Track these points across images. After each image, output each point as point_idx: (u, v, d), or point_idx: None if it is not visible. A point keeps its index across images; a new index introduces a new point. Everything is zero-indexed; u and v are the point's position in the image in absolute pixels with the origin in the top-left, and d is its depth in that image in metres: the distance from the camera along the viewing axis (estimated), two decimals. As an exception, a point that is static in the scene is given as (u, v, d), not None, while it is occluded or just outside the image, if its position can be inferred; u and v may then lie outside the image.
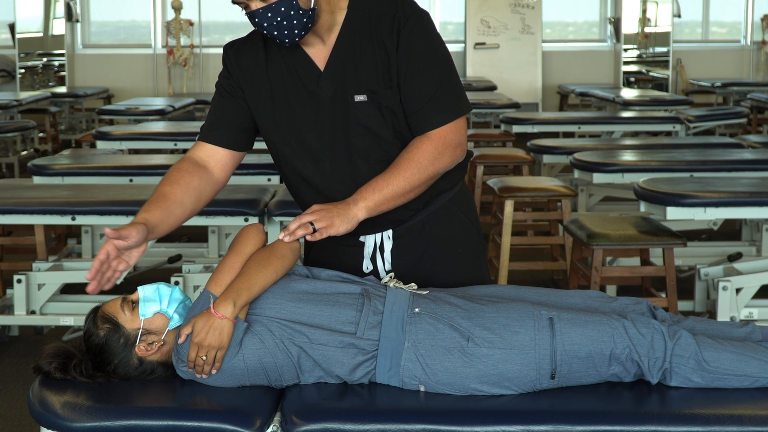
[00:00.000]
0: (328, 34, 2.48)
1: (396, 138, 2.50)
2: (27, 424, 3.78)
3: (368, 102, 2.46)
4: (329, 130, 2.50)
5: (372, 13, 2.46)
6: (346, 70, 2.47)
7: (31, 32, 12.58)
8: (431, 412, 2.22)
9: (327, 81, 2.48)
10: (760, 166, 5.37)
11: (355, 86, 2.46)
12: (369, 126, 2.48)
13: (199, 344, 2.28)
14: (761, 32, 13.14)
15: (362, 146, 2.49)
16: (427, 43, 2.47)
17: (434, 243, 2.59)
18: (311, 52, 2.49)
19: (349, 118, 2.48)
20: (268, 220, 4.44)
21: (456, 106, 2.49)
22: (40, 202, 4.43)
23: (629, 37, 12.94)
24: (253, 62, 2.53)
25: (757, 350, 2.35)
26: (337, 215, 2.40)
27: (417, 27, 2.46)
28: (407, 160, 2.45)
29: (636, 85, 12.96)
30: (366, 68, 2.46)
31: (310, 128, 2.51)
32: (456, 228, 2.62)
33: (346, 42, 2.47)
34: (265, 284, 2.36)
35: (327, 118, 2.49)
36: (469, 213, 2.66)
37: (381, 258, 2.57)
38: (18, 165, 9.37)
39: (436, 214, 2.59)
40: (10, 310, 4.70)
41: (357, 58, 2.46)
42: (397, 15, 2.45)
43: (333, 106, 2.48)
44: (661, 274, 4.43)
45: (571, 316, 2.35)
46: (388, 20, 2.45)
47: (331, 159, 2.51)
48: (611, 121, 8.15)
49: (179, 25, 12.16)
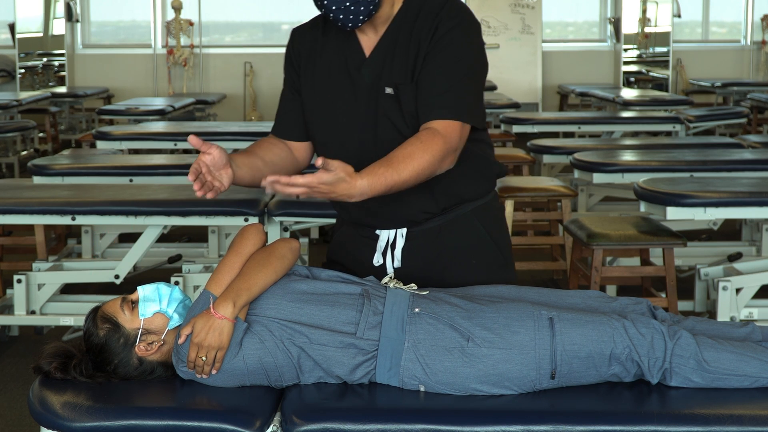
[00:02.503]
0: (382, 26, 2.52)
1: (414, 134, 2.48)
2: (27, 424, 3.78)
3: (395, 96, 2.49)
4: (361, 118, 2.53)
5: (422, 10, 2.49)
6: (384, 62, 2.50)
7: (31, 32, 12.57)
8: (431, 412, 2.22)
9: (368, 70, 2.51)
10: (760, 166, 5.37)
11: (387, 79, 2.49)
12: (392, 119, 2.50)
13: (199, 344, 2.28)
14: (761, 32, 13.14)
15: (386, 139, 2.51)
16: (458, 47, 2.46)
17: (448, 250, 2.58)
18: (362, 39, 2.54)
19: (379, 110, 2.51)
20: (268, 220, 4.44)
21: (462, 109, 2.44)
22: (40, 202, 4.42)
23: (629, 37, 12.93)
24: (310, 44, 2.60)
25: (757, 350, 2.35)
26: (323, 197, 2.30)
27: (454, 30, 2.46)
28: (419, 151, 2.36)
29: (636, 85, 12.95)
30: (398, 62, 2.48)
31: (344, 113, 2.54)
32: (472, 239, 2.60)
33: (391, 35, 2.50)
34: (265, 284, 2.36)
35: (362, 106, 2.52)
36: (491, 228, 2.63)
37: (391, 254, 2.57)
38: (18, 165, 9.37)
39: (454, 222, 2.58)
40: (10, 310, 4.70)
41: (395, 51, 2.49)
42: (440, 14, 2.47)
43: (368, 96, 2.51)
44: (661, 274, 4.43)
45: (571, 316, 2.35)
46: (430, 18, 2.47)
47: (357, 146, 2.53)
48: (611, 121, 8.15)
49: (179, 25, 12.16)
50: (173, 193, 4.52)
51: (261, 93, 12.41)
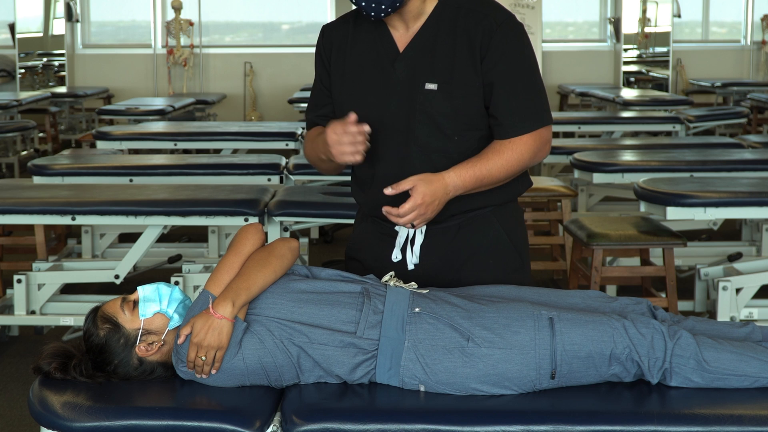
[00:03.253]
0: (414, 21, 2.53)
1: (455, 132, 2.51)
2: (27, 424, 3.79)
3: (438, 92, 2.49)
4: (392, 112, 2.54)
5: (462, 8, 2.51)
6: (422, 58, 2.51)
7: (31, 32, 12.57)
8: (431, 412, 2.22)
9: (402, 64, 2.52)
10: (760, 166, 5.37)
11: (428, 74, 2.50)
12: (432, 116, 2.51)
13: (199, 344, 2.28)
14: (761, 32, 13.13)
15: (420, 134, 2.52)
16: (520, 51, 2.50)
17: (466, 249, 2.59)
18: (395, 34, 2.55)
19: (415, 105, 2.51)
20: (267, 220, 4.44)
21: (542, 115, 2.52)
22: (40, 202, 4.42)
23: (629, 37, 12.93)
24: (341, 38, 2.62)
25: (757, 350, 2.35)
26: (433, 209, 2.44)
27: (511, 35, 2.49)
28: (509, 149, 2.49)
29: (636, 85, 12.95)
30: (443, 59, 2.49)
31: (375, 106, 2.55)
32: (491, 241, 2.61)
33: (429, 31, 2.51)
34: (264, 284, 2.36)
35: (393, 100, 2.53)
36: (512, 232, 2.64)
37: (411, 251, 2.57)
38: (18, 165, 9.37)
39: (473, 221, 2.59)
40: (10, 310, 4.70)
41: (436, 48, 2.50)
42: (490, 16, 2.49)
43: (402, 90, 2.52)
44: (661, 274, 4.43)
45: (571, 316, 2.35)
46: (478, 18, 2.48)
47: (384, 140, 2.55)
48: (611, 121, 8.15)
49: (179, 25, 12.16)
50: (173, 193, 4.52)
51: (261, 93, 12.41)
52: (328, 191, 4.76)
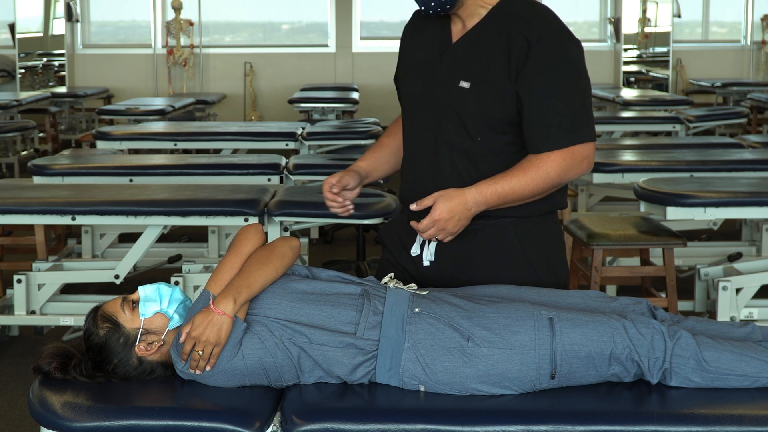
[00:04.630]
0: (470, 20, 2.55)
1: (479, 135, 2.51)
2: (27, 424, 3.79)
3: (469, 91, 2.50)
4: (432, 103, 2.56)
5: (512, 15, 2.50)
6: (465, 56, 2.53)
7: (31, 32, 12.57)
8: (431, 412, 2.23)
9: (448, 57, 2.55)
10: (760, 166, 5.37)
11: (465, 73, 2.51)
12: (460, 114, 2.52)
13: (197, 339, 2.28)
14: (761, 32, 13.14)
15: (447, 129, 2.54)
16: (560, 66, 2.47)
17: (479, 255, 2.58)
18: (453, 28, 2.59)
19: (448, 101, 2.53)
20: (268, 220, 4.44)
21: (577, 132, 2.47)
22: (40, 202, 4.42)
23: (629, 37, 12.93)
24: (413, 29, 2.69)
25: (757, 350, 2.35)
26: (454, 224, 2.46)
27: (552, 47, 2.46)
28: (535, 167, 2.47)
29: (636, 85, 12.95)
30: (481, 60, 2.50)
31: (420, 94, 2.60)
32: (506, 252, 2.58)
33: (478, 31, 2.53)
34: (265, 282, 2.36)
35: (435, 91, 2.56)
36: (530, 247, 2.59)
37: (427, 248, 2.58)
38: (18, 165, 9.37)
39: (491, 228, 2.57)
40: (10, 310, 4.70)
41: (478, 48, 2.51)
42: (535, 28, 2.46)
43: (442, 84, 2.55)
44: (661, 274, 4.43)
45: (571, 316, 2.35)
46: (522, 28, 2.47)
47: (419, 131, 2.60)
48: (611, 121, 8.15)
49: (179, 25, 12.16)
50: (173, 193, 4.51)
51: (261, 93, 12.41)
52: (328, 191, 4.75)
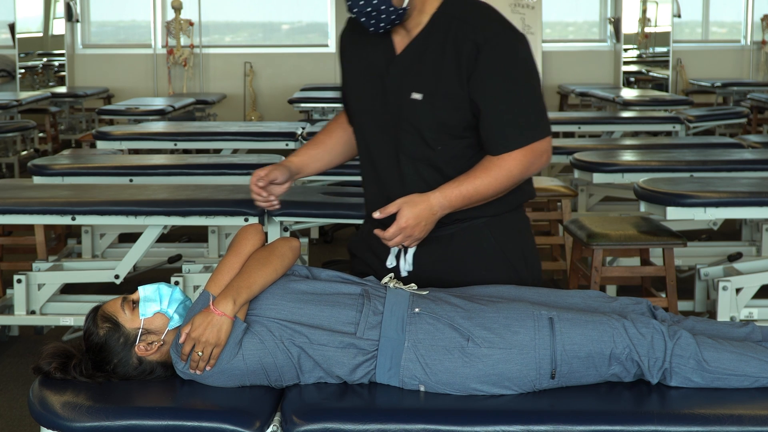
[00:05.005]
0: (414, 28, 2.53)
1: (439, 144, 2.50)
2: (27, 424, 3.78)
3: (422, 102, 2.48)
4: (383, 117, 2.55)
5: (455, 19, 2.48)
6: (412, 67, 2.51)
7: (31, 32, 12.56)
8: (431, 412, 2.22)
9: (395, 70, 2.53)
10: (760, 166, 5.36)
11: (415, 84, 2.49)
12: (416, 125, 2.50)
13: (197, 339, 2.28)
14: (761, 32, 13.13)
15: (406, 143, 2.52)
16: (510, 66, 2.46)
17: (459, 258, 2.58)
18: (395, 38, 2.56)
19: (402, 113, 2.51)
20: (268, 220, 4.44)
21: (534, 130, 2.48)
22: (40, 202, 4.42)
23: (629, 37, 12.92)
24: (353, 38, 2.64)
25: (757, 350, 2.35)
26: (420, 229, 2.46)
27: (500, 48, 2.45)
28: (497, 166, 2.47)
29: (636, 85, 12.94)
30: (431, 70, 2.48)
31: (370, 110, 2.58)
32: (483, 252, 2.59)
33: (422, 40, 2.51)
34: (265, 283, 2.36)
35: (386, 105, 2.54)
36: (506, 243, 2.60)
37: (404, 258, 2.58)
38: (18, 165, 9.36)
39: (466, 232, 2.57)
40: (10, 310, 4.70)
41: (426, 58, 2.49)
42: (480, 30, 2.45)
43: (393, 96, 2.53)
44: (661, 274, 4.43)
45: (571, 316, 2.35)
46: (468, 32, 2.45)
47: (381, 146, 2.57)
48: (611, 121, 8.15)
49: (179, 25, 12.16)
50: (173, 193, 4.51)
51: (261, 93, 12.40)
52: (328, 191, 4.76)
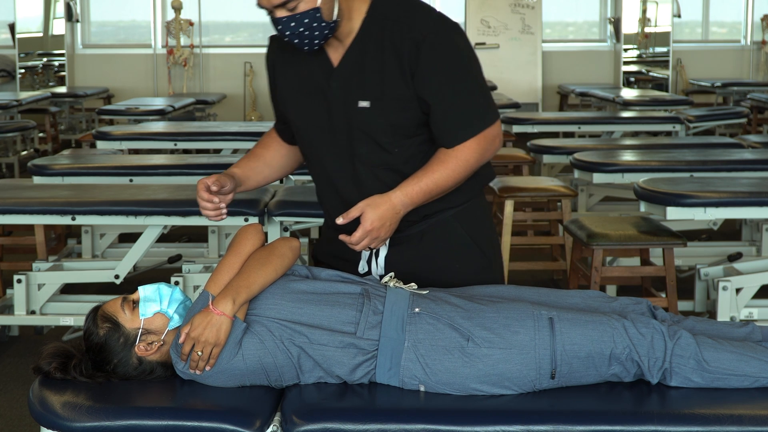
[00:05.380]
0: (347, 37, 2.49)
1: (396, 146, 2.50)
2: (27, 424, 3.78)
3: (371, 109, 2.47)
4: (332, 130, 2.52)
5: (387, 20, 2.46)
6: (353, 75, 2.48)
7: (31, 32, 12.56)
8: (431, 412, 2.22)
9: (336, 82, 2.50)
10: (760, 166, 5.36)
11: (360, 92, 2.47)
12: (369, 133, 2.49)
13: (196, 339, 2.28)
14: (761, 32, 13.13)
15: (362, 152, 2.50)
16: (451, 58, 2.45)
17: (431, 255, 2.59)
18: (330, 51, 2.52)
19: (352, 123, 2.49)
20: (268, 220, 4.44)
21: (483, 117, 2.48)
22: (40, 202, 4.42)
23: (629, 37, 12.93)
24: (282, 52, 2.60)
25: (757, 350, 2.35)
26: (386, 230, 2.46)
27: (438, 42, 2.44)
28: (453, 157, 2.47)
29: (636, 85, 12.95)
30: (373, 75, 2.46)
31: (317, 125, 2.55)
32: (454, 243, 2.60)
33: (358, 46, 2.48)
34: (265, 282, 2.36)
35: (333, 118, 2.51)
36: (474, 231, 2.62)
37: (375, 262, 2.57)
38: (18, 165, 9.36)
39: (435, 227, 2.58)
40: (10, 310, 4.70)
41: (365, 64, 2.47)
42: (416, 27, 2.44)
43: (338, 109, 2.50)
44: (661, 274, 4.43)
45: (571, 316, 2.35)
46: (404, 30, 2.44)
47: (333, 158, 2.54)
48: (611, 121, 8.15)
49: (179, 25, 12.16)
50: (173, 193, 4.51)
51: (261, 93, 12.40)
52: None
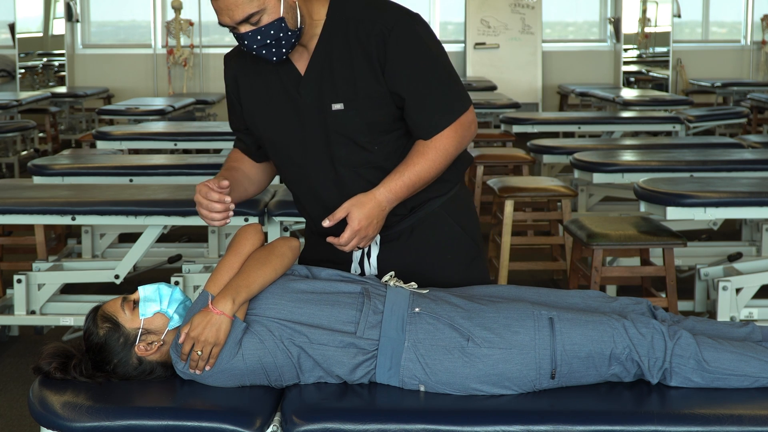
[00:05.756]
0: (310, 41, 2.48)
1: (375, 144, 2.49)
2: (27, 424, 3.78)
3: (345, 110, 2.46)
4: (309, 137, 2.51)
5: (350, 20, 2.45)
6: (323, 79, 2.47)
7: (31, 32, 12.57)
8: (431, 412, 2.23)
9: (306, 88, 2.48)
10: (760, 166, 5.37)
11: (332, 95, 2.46)
12: (347, 134, 2.48)
13: (196, 339, 2.28)
14: (761, 32, 13.14)
15: (342, 154, 2.50)
16: (418, 50, 2.45)
17: (423, 249, 2.58)
18: (294, 58, 2.50)
19: (328, 127, 2.48)
20: (267, 220, 4.44)
21: (457, 105, 2.49)
22: (40, 202, 4.42)
23: (629, 37, 12.93)
24: (242, 69, 2.56)
25: (757, 350, 2.35)
26: (373, 228, 2.45)
27: (403, 34, 2.43)
28: (432, 148, 2.46)
29: (636, 85, 12.95)
30: (344, 77, 2.45)
31: (290, 135, 2.53)
32: (445, 234, 2.60)
33: (324, 50, 2.47)
34: (265, 282, 2.36)
35: (307, 125, 2.50)
36: (462, 219, 2.63)
37: (368, 263, 2.57)
38: (18, 165, 9.36)
39: (425, 220, 2.58)
40: (10, 310, 4.70)
41: (334, 66, 2.46)
42: (379, 22, 2.43)
43: (311, 115, 2.49)
44: (661, 274, 4.43)
45: (571, 316, 2.35)
46: (368, 27, 2.43)
47: (313, 165, 2.53)
48: (611, 121, 8.15)
49: (179, 25, 12.16)
50: (173, 193, 4.51)
51: (261, 93, 12.39)
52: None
